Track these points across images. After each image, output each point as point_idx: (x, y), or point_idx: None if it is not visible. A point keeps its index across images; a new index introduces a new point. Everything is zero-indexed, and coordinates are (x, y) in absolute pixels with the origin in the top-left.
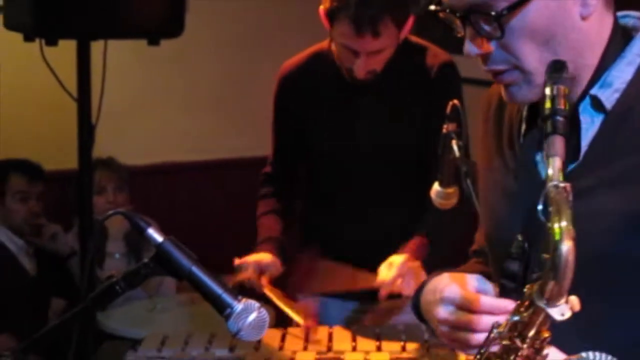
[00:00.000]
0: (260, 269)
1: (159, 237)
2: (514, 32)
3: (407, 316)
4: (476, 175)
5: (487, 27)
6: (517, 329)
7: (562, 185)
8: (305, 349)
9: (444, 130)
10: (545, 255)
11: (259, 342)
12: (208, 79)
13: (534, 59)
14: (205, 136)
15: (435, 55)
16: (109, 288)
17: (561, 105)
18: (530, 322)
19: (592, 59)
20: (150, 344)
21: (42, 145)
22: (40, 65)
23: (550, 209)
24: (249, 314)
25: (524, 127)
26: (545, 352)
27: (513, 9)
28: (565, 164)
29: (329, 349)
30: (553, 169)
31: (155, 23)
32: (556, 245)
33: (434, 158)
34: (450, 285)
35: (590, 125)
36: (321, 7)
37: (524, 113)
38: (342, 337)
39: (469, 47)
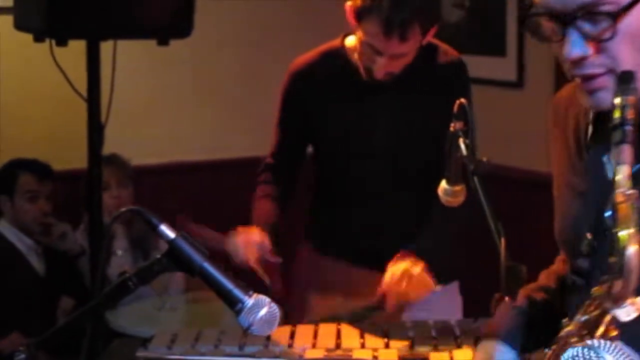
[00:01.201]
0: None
1: (171, 234)
2: (619, 34)
3: (415, 313)
4: (483, 173)
5: (594, 29)
6: (586, 328)
7: (629, 192)
8: (314, 346)
9: (451, 129)
10: (612, 259)
11: (268, 339)
12: (217, 79)
13: (632, 64)
14: (214, 136)
15: (447, 53)
16: (121, 284)
17: (630, 114)
18: (598, 321)
19: None
20: (160, 342)
21: (51, 144)
22: (50, 65)
23: (617, 215)
24: (260, 308)
25: (590, 129)
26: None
27: (627, 9)
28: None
29: (338, 346)
30: (623, 176)
31: (164, 23)
32: (622, 250)
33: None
34: None
35: None
36: (349, 3)
37: (590, 116)
38: (350, 334)
39: (572, 50)
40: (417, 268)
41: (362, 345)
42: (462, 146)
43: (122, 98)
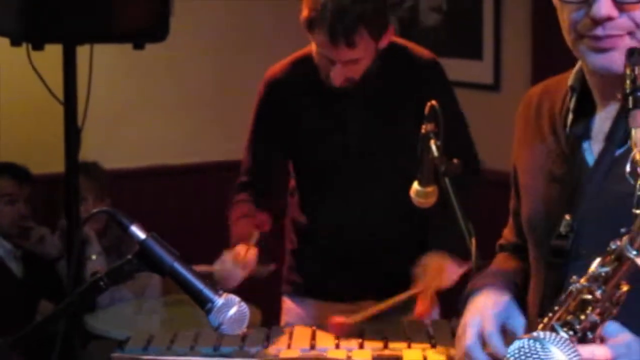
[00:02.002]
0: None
1: (141, 234)
2: None
3: (390, 313)
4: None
5: None
6: (598, 282)
7: None
8: (289, 347)
9: (423, 130)
10: (636, 211)
11: (243, 340)
12: (194, 83)
13: None
14: (191, 139)
15: (419, 53)
16: (93, 284)
17: None
18: (614, 274)
19: None
20: (136, 343)
21: (29, 148)
22: (27, 69)
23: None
24: (229, 308)
25: (570, 117)
26: (618, 304)
27: None
28: (608, 148)
29: (312, 347)
30: (637, 138)
31: (140, 27)
32: None
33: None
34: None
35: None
36: (301, 15)
37: (572, 105)
38: (324, 336)
39: (602, 10)
40: (443, 258)
41: (337, 346)
42: (434, 148)
43: (99, 102)
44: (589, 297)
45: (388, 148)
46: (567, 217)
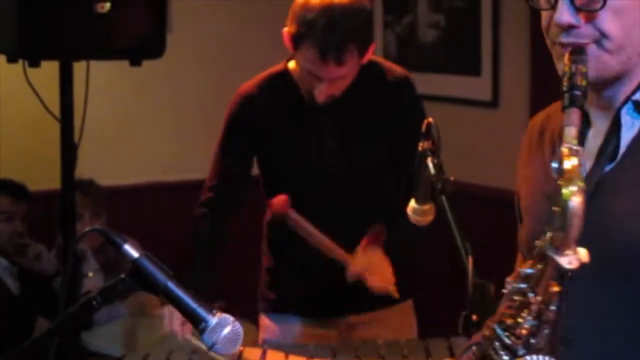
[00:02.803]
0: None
1: (135, 253)
2: (608, 6)
3: (367, 331)
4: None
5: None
6: (529, 283)
7: (575, 147)
8: None
9: (420, 148)
10: (556, 209)
11: (239, 358)
12: (190, 99)
13: (619, 39)
14: (188, 156)
15: (391, 69)
16: (86, 303)
17: (579, 81)
18: (542, 275)
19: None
20: None
21: (25, 165)
22: (23, 86)
23: (562, 167)
24: (223, 327)
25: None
26: (552, 307)
27: None
28: (599, 164)
29: None
30: (569, 135)
31: (137, 44)
32: (566, 198)
33: (404, 174)
34: None
35: (630, 128)
36: (285, 29)
37: None
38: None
39: (562, 16)
40: (388, 266)
41: None
42: (430, 165)
43: (95, 119)
44: (523, 299)
45: (362, 164)
46: None
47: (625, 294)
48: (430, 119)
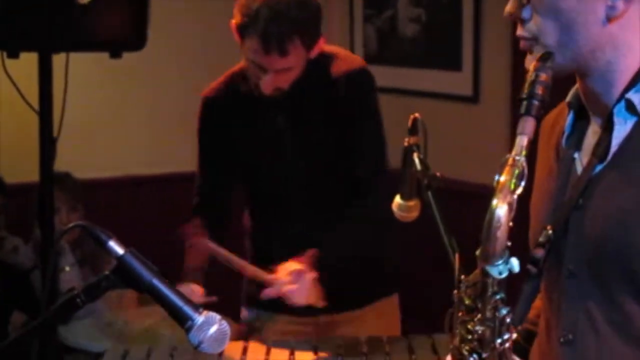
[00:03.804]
0: None
1: (119, 250)
2: (542, 5)
3: (348, 328)
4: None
5: None
6: (475, 292)
7: (518, 158)
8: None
9: (405, 143)
10: (485, 221)
11: (221, 355)
12: (171, 92)
13: (553, 40)
14: (167, 149)
15: (344, 62)
16: (69, 301)
17: (539, 90)
18: (484, 283)
19: (628, 63)
20: (111, 358)
21: (3, 157)
22: (1, 77)
23: (500, 177)
24: (210, 326)
25: (566, 132)
26: (503, 311)
27: None
28: (591, 161)
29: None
30: (518, 145)
31: (117, 36)
32: (492, 210)
33: (361, 170)
34: None
35: (622, 127)
36: (232, 21)
37: (568, 120)
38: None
39: (507, 6)
40: (308, 275)
41: None
42: (417, 161)
43: (74, 111)
44: (471, 303)
45: (319, 163)
46: (548, 227)
47: (622, 293)
48: (417, 114)
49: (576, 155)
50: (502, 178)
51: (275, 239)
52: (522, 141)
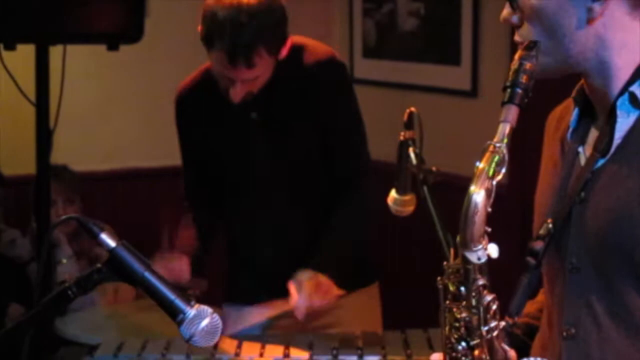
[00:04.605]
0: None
1: (112, 242)
2: (527, 10)
3: (328, 318)
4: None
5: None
6: (458, 278)
7: (498, 145)
8: (261, 355)
9: (401, 138)
10: (464, 207)
11: (215, 348)
12: (168, 85)
13: (543, 44)
14: (165, 142)
15: (313, 53)
16: (61, 293)
17: (523, 79)
18: (466, 270)
19: (626, 60)
20: (106, 350)
21: (0, 149)
22: None
23: (480, 163)
24: (201, 319)
25: (571, 127)
26: (487, 298)
27: None
28: (593, 155)
29: (286, 355)
30: (500, 132)
31: (114, 28)
32: (468, 194)
33: (341, 163)
34: None
35: (625, 120)
36: (199, 27)
37: (573, 115)
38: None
39: (503, 12)
40: (320, 277)
41: (310, 357)
42: (412, 155)
43: (71, 103)
44: (454, 290)
45: (293, 161)
46: (549, 220)
47: (624, 286)
48: (413, 108)
49: (580, 149)
50: (481, 164)
51: (251, 234)
52: (505, 128)
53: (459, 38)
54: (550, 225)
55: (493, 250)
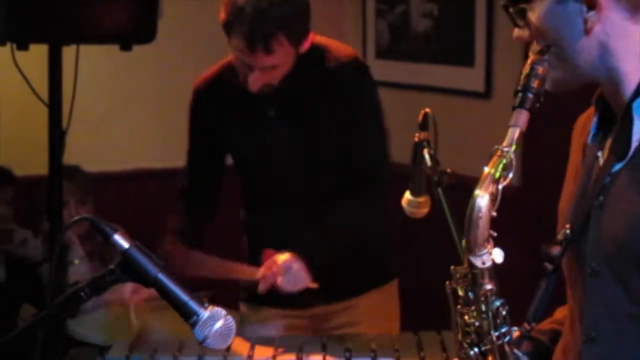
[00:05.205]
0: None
1: (125, 243)
2: (532, 27)
3: (344, 319)
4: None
5: (518, 17)
6: (466, 283)
7: (506, 150)
8: (274, 357)
9: (416, 139)
10: (467, 212)
11: (228, 350)
12: (181, 85)
13: (551, 57)
14: (177, 142)
15: (337, 54)
16: (73, 294)
17: (534, 84)
18: (473, 275)
19: (634, 64)
20: (118, 352)
21: (12, 150)
22: (11, 70)
23: (487, 167)
24: (215, 321)
25: (593, 131)
26: (496, 303)
27: (527, 1)
28: (610, 158)
29: (300, 359)
30: (509, 137)
31: (127, 28)
32: (473, 198)
33: (362, 161)
34: None
35: None
36: (220, 14)
37: (595, 120)
38: (313, 345)
39: (514, 32)
40: (297, 263)
41: (323, 358)
42: (427, 157)
43: (84, 104)
44: (463, 294)
45: (311, 158)
46: (567, 226)
47: None
48: (427, 109)
49: (599, 153)
50: (487, 168)
51: (269, 231)
52: (514, 133)
53: (472, 39)
54: (568, 231)
55: (498, 255)
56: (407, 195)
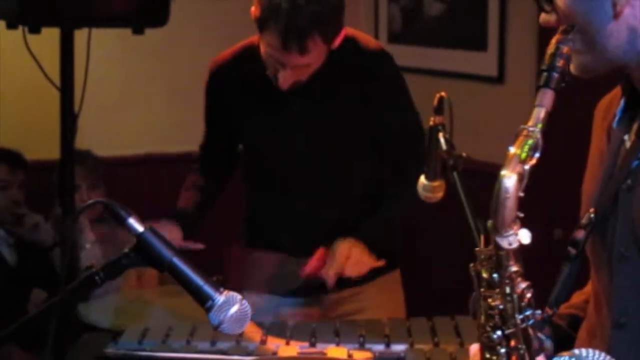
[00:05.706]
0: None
1: (139, 227)
2: (560, 12)
3: (353, 305)
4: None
5: (545, 1)
6: (490, 265)
7: (532, 129)
8: (287, 343)
9: (431, 123)
10: (495, 192)
11: (241, 335)
12: (193, 69)
13: (579, 44)
14: (189, 127)
15: (364, 44)
16: (87, 279)
17: (559, 63)
18: (498, 256)
19: None
20: (130, 337)
21: (24, 134)
22: (23, 53)
23: (513, 147)
24: (230, 306)
25: (619, 115)
26: (521, 285)
27: None
28: (637, 142)
29: (312, 344)
30: (535, 116)
31: (140, 12)
32: (500, 179)
33: (401, 151)
34: None
35: None
36: (252, 8)
37: (621, 104)
38: (325, 331)
39: (540, 18)
40: (357, 247)
41: (337, 344)
42: (442, 141)
43: (96, 88)
44: (488, 277)
45: (334, 151)
46: (592, 210)
47: None
48: (443, 93)
49: (626, 137)
50: (513, 149)
51: (278, 218)
52: (540, 113)
53: (485, 23)
54: (592, 215)
55: (524, 236)
56: (422, 179)
